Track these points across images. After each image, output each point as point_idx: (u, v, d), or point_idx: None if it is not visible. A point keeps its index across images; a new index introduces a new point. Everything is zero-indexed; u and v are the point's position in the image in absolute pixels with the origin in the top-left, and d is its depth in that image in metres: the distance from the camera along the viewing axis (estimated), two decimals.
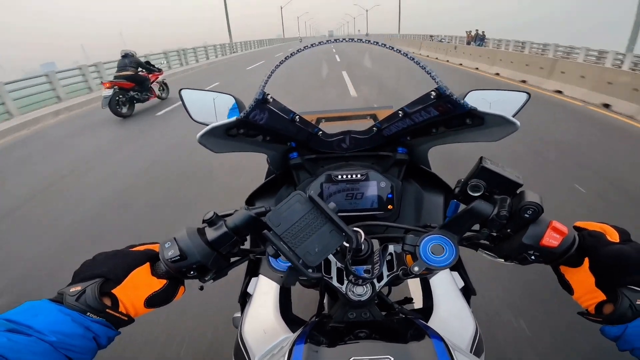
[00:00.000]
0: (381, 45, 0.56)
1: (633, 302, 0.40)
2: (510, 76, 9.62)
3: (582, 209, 2.70)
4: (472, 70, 11.63)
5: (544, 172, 3.39)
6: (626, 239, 0.46)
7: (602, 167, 3.45)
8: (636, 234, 0.47)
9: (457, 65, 13.29)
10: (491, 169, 0.48)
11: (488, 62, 11.25)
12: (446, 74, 10.13)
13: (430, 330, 0.49)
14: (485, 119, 0.52)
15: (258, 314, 0.71)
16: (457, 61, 13.63)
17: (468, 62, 12.74)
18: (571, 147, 4.08)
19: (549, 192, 2.91)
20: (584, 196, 2.91)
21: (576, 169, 3.43)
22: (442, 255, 0.47)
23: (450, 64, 13.94)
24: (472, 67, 12.01)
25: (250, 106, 0.52)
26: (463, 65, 12.91)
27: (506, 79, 9.59)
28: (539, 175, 3.31)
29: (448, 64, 13.82)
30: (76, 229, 2.82)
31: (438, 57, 16.14)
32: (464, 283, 0.75)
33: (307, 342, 0.46)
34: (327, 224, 0.45)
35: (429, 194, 0.77)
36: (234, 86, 9.88)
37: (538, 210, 0.44)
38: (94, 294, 0.44)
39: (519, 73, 9.33)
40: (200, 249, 0.49)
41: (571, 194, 2.93)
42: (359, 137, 0.71)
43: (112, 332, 0.46)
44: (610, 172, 3.35)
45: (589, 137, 4.58)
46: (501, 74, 10.14)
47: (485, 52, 12.18)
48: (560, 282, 0.49)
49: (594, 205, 2.76)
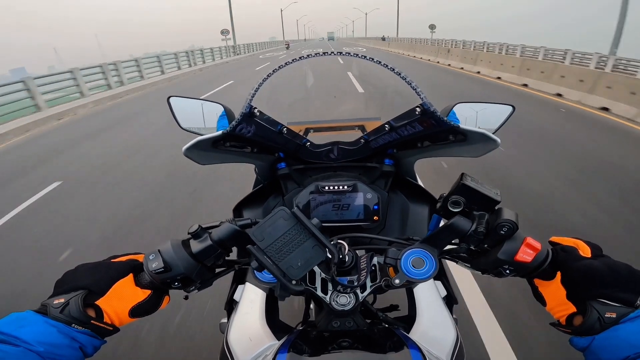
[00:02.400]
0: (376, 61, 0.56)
1: (602, 315, 0.41)
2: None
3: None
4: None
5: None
6: (598, 254, 0.48)
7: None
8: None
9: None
10: (471, 186, 0.50)
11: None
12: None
13: (409, 341, 0.51)
14: (468, 135, 0.54)
15: (244, 321, 0.72)
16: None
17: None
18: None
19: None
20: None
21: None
22: (423, 269, 0.49)
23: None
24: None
25: (236, 120, 0.53)
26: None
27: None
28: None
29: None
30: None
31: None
32: (447, 292, 0.77)
33: (289, 351, 0.47)
34: (310, 239, 0.46)
35: (414, 205, 0.79)
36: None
37: (513, 227, 0.46)
38: (78, 306, 0.44)
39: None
40: (184, 261, 0.50)
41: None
42: (347, 148, 0.72)
43: (98, 342, 0.46)
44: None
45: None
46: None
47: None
48: (534, 294, 0.51)
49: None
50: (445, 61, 15.37)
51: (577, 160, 3.79)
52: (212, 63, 18.62)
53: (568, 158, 3.85)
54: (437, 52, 17.14)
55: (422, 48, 20.46)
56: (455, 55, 14.79)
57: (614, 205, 2.81)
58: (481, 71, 11.65)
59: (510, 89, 8.86)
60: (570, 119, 5.77)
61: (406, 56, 21.59)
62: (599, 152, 4.09)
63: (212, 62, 18.92)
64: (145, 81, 12.12)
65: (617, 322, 0.41)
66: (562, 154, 3.97)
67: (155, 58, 13.88)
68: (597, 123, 5.51)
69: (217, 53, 20.39)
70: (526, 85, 8.88)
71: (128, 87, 10.96)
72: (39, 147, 5.47)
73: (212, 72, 15.04)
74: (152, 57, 13.82)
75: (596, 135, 4.87)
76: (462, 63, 13.50)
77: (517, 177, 3.39)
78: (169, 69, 14.25)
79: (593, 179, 3.32)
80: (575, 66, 8.28)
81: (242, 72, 14.05)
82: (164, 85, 12.23)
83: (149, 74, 12.77)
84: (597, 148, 4.28)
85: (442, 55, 16.29)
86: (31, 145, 5.67)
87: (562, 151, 4.07)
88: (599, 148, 4.28)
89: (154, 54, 13.84)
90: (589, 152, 4.10)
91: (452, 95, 7.52)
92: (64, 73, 9.18)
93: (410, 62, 17.66)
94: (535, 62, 9.39)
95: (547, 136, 4.71)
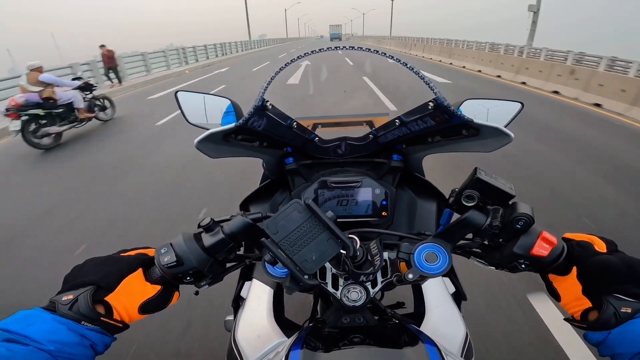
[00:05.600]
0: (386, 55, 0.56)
1: (617, 310, 0.41)
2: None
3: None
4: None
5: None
6: (613, 249, 0.47)
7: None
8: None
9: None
10: (485, 180, 0.49)
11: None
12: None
13: (423, 335, 0.50)
14: (481, 130, 0.53)
15: (252, 318, 0.71)
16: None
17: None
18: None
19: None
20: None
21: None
22: (436, 263, 0.49)
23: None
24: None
25: (249, 112, 0.52)
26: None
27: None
28: None
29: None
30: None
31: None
32: (455, 288, 0.77)
33: (303, 347, 0.47)
34: (324, 232, 0.45)
35: (422, 201, 0.79)
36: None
37: (529, 221, 0.46)
38: (87, 303, 0.43)
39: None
40: (196, 254, 0.49)
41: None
42: (355, 144, 0.71)
43: (108, 339, 0.46)
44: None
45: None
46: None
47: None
48: (548, 289, 0.51)
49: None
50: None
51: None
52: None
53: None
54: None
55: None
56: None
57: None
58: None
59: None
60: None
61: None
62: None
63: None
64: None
65: (632, 316, 0.41)
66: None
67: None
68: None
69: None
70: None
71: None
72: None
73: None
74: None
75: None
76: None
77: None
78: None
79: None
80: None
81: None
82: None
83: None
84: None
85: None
86: None
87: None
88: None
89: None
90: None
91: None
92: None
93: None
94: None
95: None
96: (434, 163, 3.43)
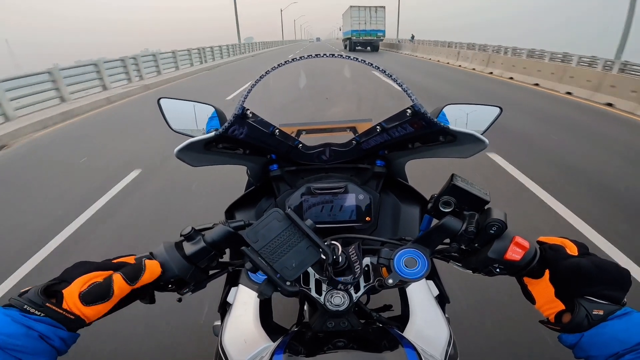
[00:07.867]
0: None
1: (589, 312, 0.42)
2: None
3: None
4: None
5: None
6: (584, 252, 0.49)
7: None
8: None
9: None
10: (461, 187, 0.50)
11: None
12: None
13: (404, 340, 0.51)
14: (457, 136, 0.55)
15: (238, 323, 0.71)
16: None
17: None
18: None
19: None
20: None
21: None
22: (415, 268, 0.50)
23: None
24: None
25: (229, 121, 0.53)
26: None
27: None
28: None
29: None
30: None
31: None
32: (439, 291, 0.78)
33: (285, 352, 0.47)
34: (304, 240, 0.46)
35: (405, 205, 0.80)
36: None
37: (502, 226, 0.47)
38: (36, 291, 0.42)
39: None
40: (177, 263, 0.50)
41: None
42: (339, 150, 0.72)
43: (65, 333, 0.43)
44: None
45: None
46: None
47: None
48: (523, 292, 0.52)
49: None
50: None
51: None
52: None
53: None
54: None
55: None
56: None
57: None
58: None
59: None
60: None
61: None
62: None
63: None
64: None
65: (604, 319, 0.42)
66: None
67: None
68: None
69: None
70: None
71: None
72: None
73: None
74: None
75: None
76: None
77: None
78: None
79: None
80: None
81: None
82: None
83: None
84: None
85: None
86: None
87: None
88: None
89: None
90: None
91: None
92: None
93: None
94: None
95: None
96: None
